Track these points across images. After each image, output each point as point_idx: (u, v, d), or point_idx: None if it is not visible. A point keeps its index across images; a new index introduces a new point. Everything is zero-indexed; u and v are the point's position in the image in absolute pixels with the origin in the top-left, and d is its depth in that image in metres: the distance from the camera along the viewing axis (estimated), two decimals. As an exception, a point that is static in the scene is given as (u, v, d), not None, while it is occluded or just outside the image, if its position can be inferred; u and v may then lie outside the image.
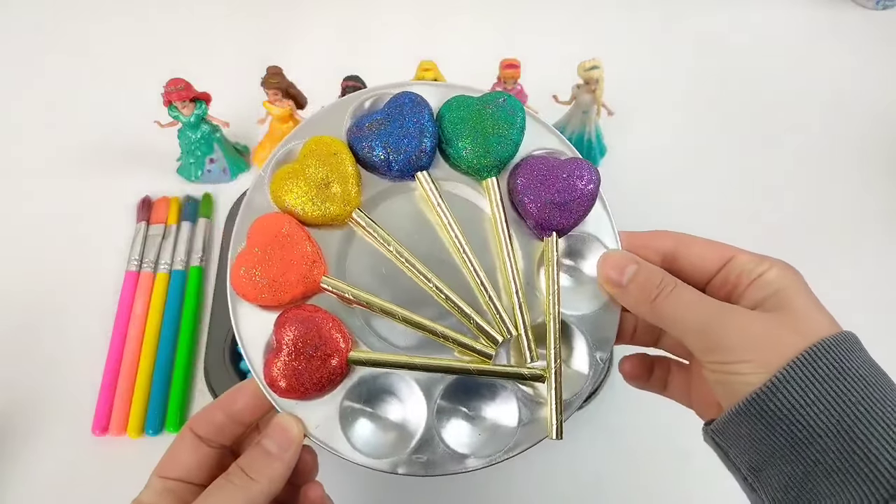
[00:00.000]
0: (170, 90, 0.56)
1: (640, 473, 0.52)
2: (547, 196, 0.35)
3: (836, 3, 0.80)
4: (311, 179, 0.34)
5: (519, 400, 0.34)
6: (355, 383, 0.33)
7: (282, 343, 0.32)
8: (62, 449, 0.51)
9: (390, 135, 0.35)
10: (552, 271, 0.35)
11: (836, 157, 0.68)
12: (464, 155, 0.35)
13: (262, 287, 0.33)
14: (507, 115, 0.36)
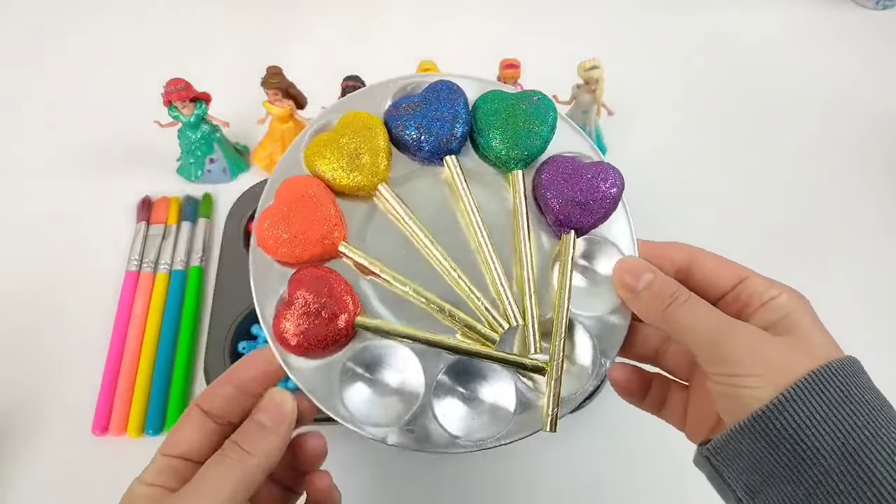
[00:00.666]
0: (170, 90, 0.56)
1: (638, 474, 0.52)
2: (570, 194, 0.36)
3: (836, 3, 0.80)
4: (344, 149, 0.35)
5: (518, 390, 0.34)
6: (359, 349, 0.34)
7: (294, 297, 0.33)
8: (62, 449, 0.51)
9: (424, 117, 0.36)
10: (566, 268, 0.35)
11: (836, 157, 0.68)
12: (493, 145, 0.36)
13: (283, 241, 0.34)
14: (539, 113, 0.37)
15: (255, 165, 0.65)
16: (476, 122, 0.37)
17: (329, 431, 0.53)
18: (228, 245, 0.58)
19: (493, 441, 0.34)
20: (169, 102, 0.57)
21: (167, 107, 0.58)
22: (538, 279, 0.36)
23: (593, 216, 0.36)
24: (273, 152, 0.63)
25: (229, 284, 0.56)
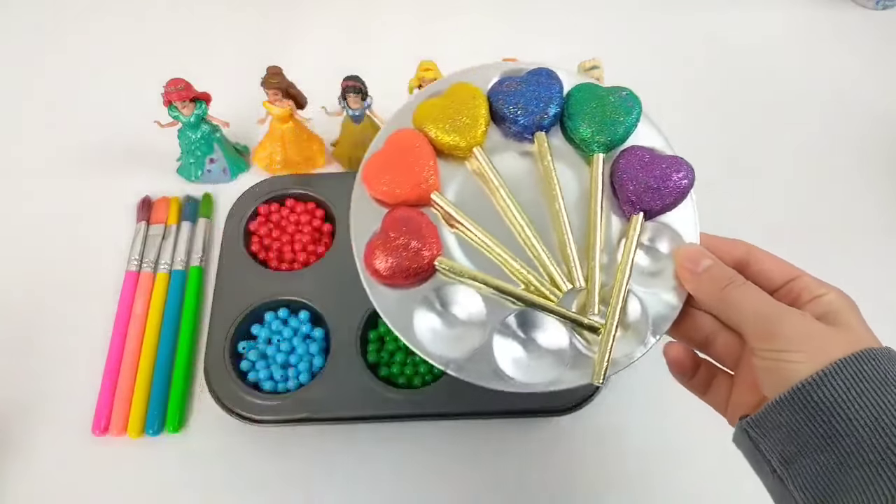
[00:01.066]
0: (170, 90, 0.56)
1: (638, 474, 0.52)
2: (644, 178, 0.39)
3: (836, 3, 0.80)
4: (448, 112, 0.40)
5: (572, 346, 0.37)
6: (435, 286, 0.38)
7: (386, 230, 0.38)
8: (62, 449, 0.51)
9: (523, 95, 0.41)
10: (631, 244, 0.38)
11: (836, 156, 0.68)
12: (581, 128, 0.40)
13: (384, 180, 0.39)
14: (625, 106, 0.41)
15: (255, 165, 0.65)
16: (568, 108, 0.41)
17: (330, 430, 0.53)
18: (228, 245, 0.58)
19: (543, 386, 0.37)
20: (169, 102, 0.57)
21: (167, 107, 0.58)
22: (603, 251, 0.39)
23: (663, 202, 0.39)
24: (273, 152, 0.63)
25: (229, 284, 0.56)
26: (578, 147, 0.41)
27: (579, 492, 0.51)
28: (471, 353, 0.37)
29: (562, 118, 0.42)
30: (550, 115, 0.41)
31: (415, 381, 0.52)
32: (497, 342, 0.37)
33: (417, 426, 0.52)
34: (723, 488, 0.51)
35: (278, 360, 0.53)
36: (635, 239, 0.39)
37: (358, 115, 0.59)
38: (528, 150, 0.42)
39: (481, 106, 0.41)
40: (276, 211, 0.61)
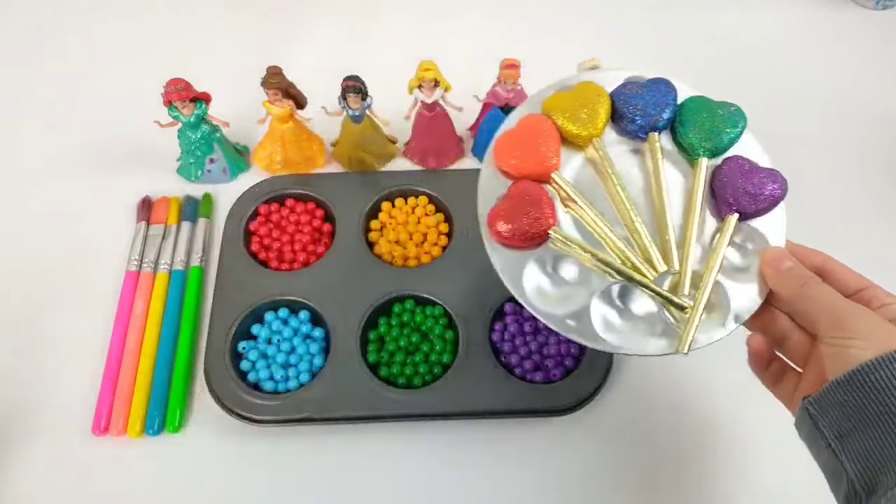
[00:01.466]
0: (170, 90, 0.56)
1: (638, 473, 0.52)
2: (742, 184, 0.44)
3: (836, 3, 0.80)
4: (574, 105, 0.46)
5: (661, 320, 0.42)
6: (547, 251, 0.43)
7: (511, 195, 0.44)
8: (62, 449, 0.51)
9: (642, 98, 0.46)
10: (724, 239, 0.43)
11: (835, 157, 0.68)
12: (691, 134, 0.46)
13: (512, 154, 0.45)
14: (732, 119, 0.46)
15: (255, 165, 0.65)
16: (680, 115, 0.46)
17: (331, 430, 0.53)
18: (228, 245, 0.58)
19: (633, 350, 0.42)
20: (169, 102, 0.57)
21: (167, 107, 0.58)
22: (697, 243, 0.44)
23: (756, 207, 0.44)
24: (273, 152, 0.63)
25: (229, 284, 0.56)
26: (685, 150, 0.46)
27: (579, 491, 0.51)
28: (570, 313, 0.42)
29: (673, 123, 0.47)
30: (664, 119, 0.46)
31: (415, 381, 0.52)
32: (595, 307, 0.42)
33: (417, 426, 0.52)
34: (724, 487, 0.51)
35: (278, 360, 0.53)
36: (728, 235, 0.43)
37: (358, 115, 0.59)
38: (638, 147, 0.47)
39: (603, 103, 0.46)
40: (276, 211, 0.61)
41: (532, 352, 0.53)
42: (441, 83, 0.58)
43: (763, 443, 0.52)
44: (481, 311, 0.54)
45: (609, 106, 0.46)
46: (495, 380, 0.51)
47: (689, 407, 0.54)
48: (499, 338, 0.54)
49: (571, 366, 0.53)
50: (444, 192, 0.61)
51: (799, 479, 0.51)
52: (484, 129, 0.63)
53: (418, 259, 0.59)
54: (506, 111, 0.60)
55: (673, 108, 0.46)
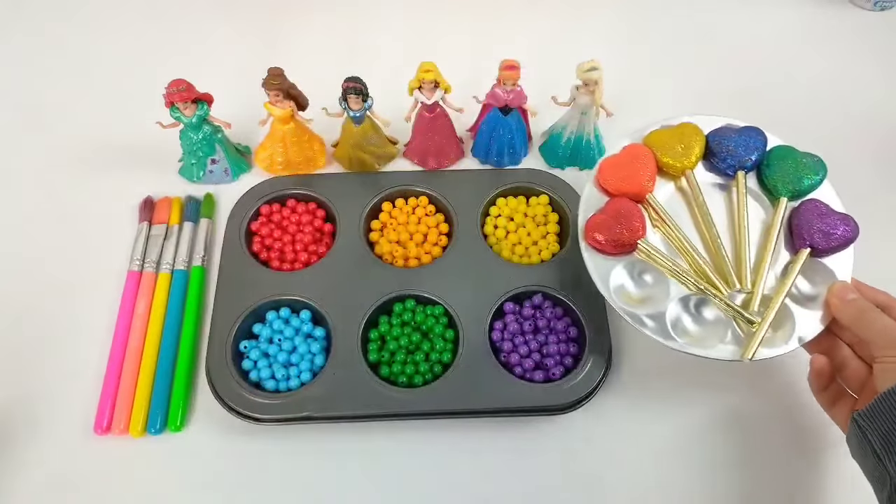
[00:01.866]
0: (171, 91, 0.56)
1: (638, 473, 0.52)
2: (818, 224, 0.50)
3: (833, 3, 0.81)
4: (672, 140, 0.55)
5: (731, 330, 0.49)
6: (634, 260, 0.51)
7: (608, 209, 0.52)
8: (65, 448, 0.51)
9: (734, 141, 0.54)
10: (796, 268, 0.50)
11: (834, 157, 0.68)
12: (775, 177, 0.53)
13: (618, 175, 0.53)
14: (814, 168, 0.53)
15: (256, 166, 0.65)
16: (768, 159, 0.54)
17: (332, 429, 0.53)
18: (230, 245, 0.58)
19: (700, 353, 0.48)
20: (171, 103, 0.58)
21: (169, 108, 0.58)
22: (770, 269, 0.50)
23: (828, 245, 0.50)
24: (274, 153, 0.63)
25: (231, 284, 0.56)
26: (768, 191, 0.54)
27: (579, 490, 0.51)
28: (648, 313, 0.49)
29: (760, 166, 0.54)
30: (752, 161, 0.53)
31: (415, 380, 0.52)
32: (671, 311, 0.49)
33: (418, 425, 0.53)
34: (722, 488, 0.51)
35: (280, 360, 0.53)
36: (799, 265, 0.50)
37: (358, 116, 0.59)
38: (725, 184, 0.55)
39: (699, 142, 0.54)
40: (277, 211, 0.61)
41: (532, 351, 0.54)
42: (441, 84, 0.58)
43: (763, 442, 0.53)
44: (481, 311, 0.55)
45: (703, 144, 0.54)
46: (495, 379, 0.52)
47: (688, 406, 0.54)
48: (499, 337, 0.54)
49: (571, 365, 0.53)
50: (444, 193, 0.61)
51: (798, 476, 0.52)
52: (483, 130, 0.63)
53: (419, 259, 0.59)
54: (505, 112, 0.61)
55: (761, 153, 0.54)
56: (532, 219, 0.61)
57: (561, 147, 0.64)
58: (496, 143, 0.63)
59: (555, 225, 0.61)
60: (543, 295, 0.56)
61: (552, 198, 0.61)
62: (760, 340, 0.47)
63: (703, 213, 0.52)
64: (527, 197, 0.62)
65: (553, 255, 0.59)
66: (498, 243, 0.60)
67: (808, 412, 0.52)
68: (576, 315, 0.55)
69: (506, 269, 0.57)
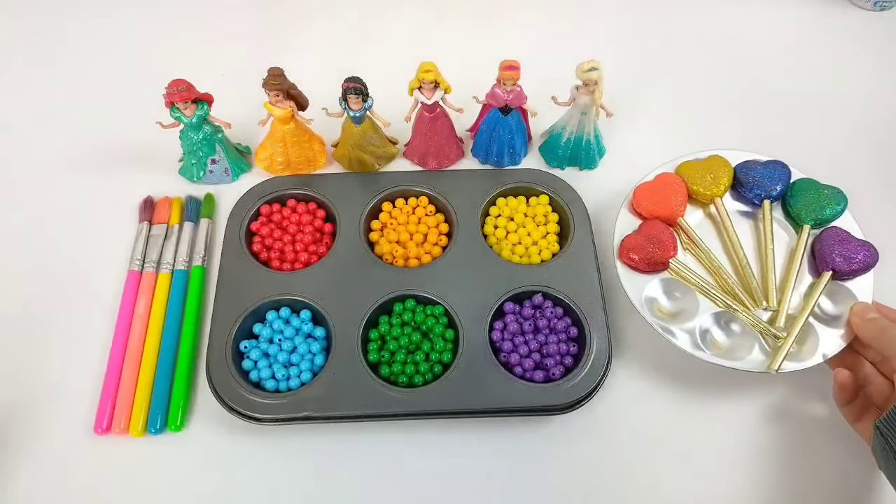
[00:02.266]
0: (171, 91, 0.56)
1: (638, 472, 0.52)
2: (839, 249, 0.54)
3: (833, 4, 0.81)
4: (702, 170, 0.59)
5: (757, 345, 0.52)
6: (667, 278, 0.55)
7: (642, 231, 0.56)
8: (65, 448, 0.51)
9: (760, 173, 0.59)
10: (818, 289, 0.54)
11: (834, 157, 0.68)
12: (799, 206, 0.58)
13: (652, 199, 0.58)
14: (835, 199, 0.57)
15: (256, 166, 0.65)
16: (792, 190, 0.59)
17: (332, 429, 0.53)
18: (230, 245, 0.58)
19: (729, 364, 0.51)
20: (171, 103, 0.58)
21: (169, 108, 0.58)
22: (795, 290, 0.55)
23: (849, 268, 0.54)
24: (274, 153, 0.63)
25: (231, 284, 0.56)
26: (792, 219, 0.58)
27: (579, 489, 0.51)
28: (680, 328, 0.52)
29: (784, 197, 0.59)
30: (777, 191, 0.58)
31: (415, 379, 0.52)
32: (701, 326, 0.53)
33: (418, 425, 0.53)
34: (721, 487, 0.51)
35: (280, 360, 0.53)
36: (822, 286, 0.54)
37: (359, 116, 0.59)
38: (751, 212, 0.60)
39: (727, 173, 0.59)
40: (277, 211, 0.61)
41: (532, 351, 0.54)
42: (441, 84, 0.58)
43: (762, 441, 0.53)
44: (481, 311, 0.55)
45: (731, 175, 0.59)
46: (495, 378, 0.52)
47: (688, 406, 0.54)
48: (499, 337, 0.54)
49: (571, 365, 0.53)
50: (444, 193, 0.61)
51: (796, 474, 0.52)
52: (483, 130, 0.63)
53: (419, 259, 0.59)
54: (505, 112, 0.61)
55: (785, 184, 0.58)
56: (532, 219, 0.61)
57: (561, 147, 0.64)
58: (496, 143, 0.63)
59: (555, 225, 0.61)
60: (543, 295, 0.56)
61: (552, 198, 0.62)
62: (786, 353, 0.51)
63: (731, 236, 0.57)
64: (527, 197, 0.62)
65: (553, 256, 0.59)
66: (498, 243, 0.60)
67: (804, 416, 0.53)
68: (576, 315, 0.55)
69: (506, 268, 0.57)
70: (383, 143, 0.64)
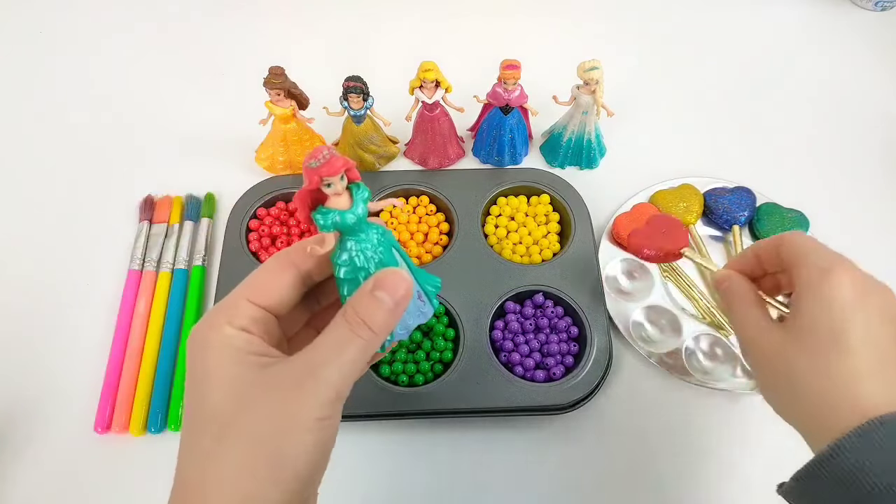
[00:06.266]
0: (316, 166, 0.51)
1: (638, 472, 0.52)
2: None
3: (834, 3, 0.81)
4: (675, 199, 0.62)
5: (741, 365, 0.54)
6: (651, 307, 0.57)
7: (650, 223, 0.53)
8: (65, 447, 0.51)
9: (728, 199, 0.61)
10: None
11: (835, 157, 0.68)
12: (766, 230, 0.60)
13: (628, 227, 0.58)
14: (798, 221, 0.61)
15: (257, 166, 0.65)
16: (758, 214, 0.61)
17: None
18: (230, 244, 0.58)
19: (715, 384, 0.53)
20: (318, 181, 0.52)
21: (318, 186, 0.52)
22: None
23: None
24: (275, 153, 0.63)
25: (231, 283, 0.55)
26: None
27: (580, 489, 0.51)
28: (666, 352, 0.54)
29: (752, 221, 0.61)
30: (745, 216, 0.61)
31: (416, 379, 0.52)
32: (686, 349, 0.55)
33: (418, 424, 0.52)
34: (723, 487, 0.51)
35: (280, 359, 0.53)
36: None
37: (359, 115, 0.59)
38: (721, 236, 0.62)
39: (698, 200, 0.62)
40: (278, 211, 0.61)
41: (533, 350, 0.54)
42: (442, 84, 0.58)
43: (761, 441, 0.52)
44: (482, 310, 0.55)
45: (702, 202, 0.62)
46: (496, 378, 0.52)
47: (689, 405, 0.54)
48: (500, 336, 0.54)
49: (572, 364, 0.53)
50: (445, 192, 0.61)
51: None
52: (484, 130, 0.63)
53: (420, 258, 0.59)
54: (506, 111, 0.61)
55: (751, 209, 0.61)
56: (533, 218, 0.61)
57: (562, 146, 0.64)
58: (497, 142, 0.63)
59: (556, 224, 0.61)
60: (544, 294, 0.56)
61: (553, 197, 0.61)
62: None
63: (708, 259, 0.58)
64: (528, 196, 0.62)
65: (554, 255, 0.59)
66: (499, 243, 0.60)
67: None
68: (577, 314, 0.55)
69: (507, 268, 0.57)
70: (384, 143, 0.64)
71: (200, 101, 0.71)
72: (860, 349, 0.33)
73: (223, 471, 0.27)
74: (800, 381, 0.34)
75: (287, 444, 0.28)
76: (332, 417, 0.29)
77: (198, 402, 0.29)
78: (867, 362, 0.33)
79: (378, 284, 0.30)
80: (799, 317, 0.35)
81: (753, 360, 0.38)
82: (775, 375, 0.36)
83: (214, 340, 0.29)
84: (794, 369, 0.34)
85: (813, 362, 0.34)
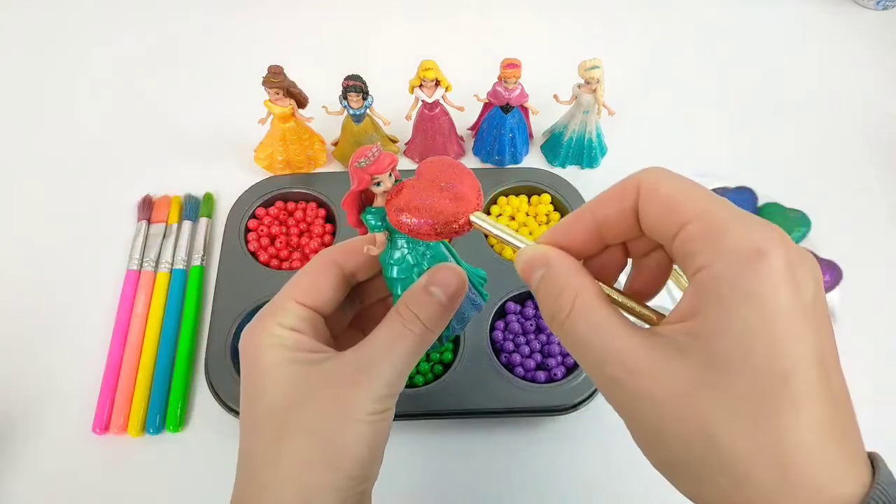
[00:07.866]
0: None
1: (639, 472, 0.51)
2: None
3: (836, 3, 0.80)
4: None
5: None
6: None
7: (420, 173, 0.30)
8: (63, 448, 0.51)
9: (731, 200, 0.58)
10: None
11: (835, 157, 0.68)
12: None
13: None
14: (800, 222, 0.58)
15: (256, 165, 0.65)
16: (759, 214, 0.54)
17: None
18: (229, 244, 0.58)
19: None
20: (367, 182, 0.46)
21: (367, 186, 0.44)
22: None
23: None
24: (275, 152, 0.63)
25: (230, 284, 0.56)
26: None
27: (581, 490, 0.50)
28: None
29: None
30: None
31: (416, 379, 0.52)
32: None
33: (419, 425, 0.52)
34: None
35: (279, 359, 0.53)
36: None
37: (359, 114, 0.59)
38: None
39: None
40: (277, 210, 0.61)
41: (534, 351, 0.53)
42: (442, 83, 0.58)
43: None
44: (483, 310, 0.54)
45: None
46: (497, 379, 0.51)
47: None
48: (500, 337, 0.54)
49: (573, 365, 0.53)
50: (445, 192, 0.61)
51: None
52: (484, 129, 0.63)
53: (419, 258, 0.59)
54: (506, 110, 0.60)
55: (753, 209, 0.59)
56: (534, 218, 0.60)
57: (563, 146, 0.64)
58: (497, 141, 0.63)
59: (556, 224, 0.61)
60: (545, 294, 0.55)
61: (554, 197, 0.61)
62: None
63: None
64: (528, 196, 0.62)
65: (555, 255, 0.58)
66: (499, 242, 0.59)
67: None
68: (578, 315, 0.54)
69: (507, 268, 0.57)
70: (384, 142, 0.64)
71: (199, 100, 0.70)
72: (816, 398, 0.20)
73: (285, 464, 0.28)
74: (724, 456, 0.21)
75: (344, 436, 0.28)
76: (386, 411, 0.29)
77: (254, 401, 0.30)
78: (826, 422, 0.20)
79: (432, 280, 0.31)
80: (712, 335, 0.21)
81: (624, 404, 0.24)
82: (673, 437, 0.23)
83: (266, 341, 0.30)
84: (713, 434, 0.21)
85: (746, 423, 0.20)
